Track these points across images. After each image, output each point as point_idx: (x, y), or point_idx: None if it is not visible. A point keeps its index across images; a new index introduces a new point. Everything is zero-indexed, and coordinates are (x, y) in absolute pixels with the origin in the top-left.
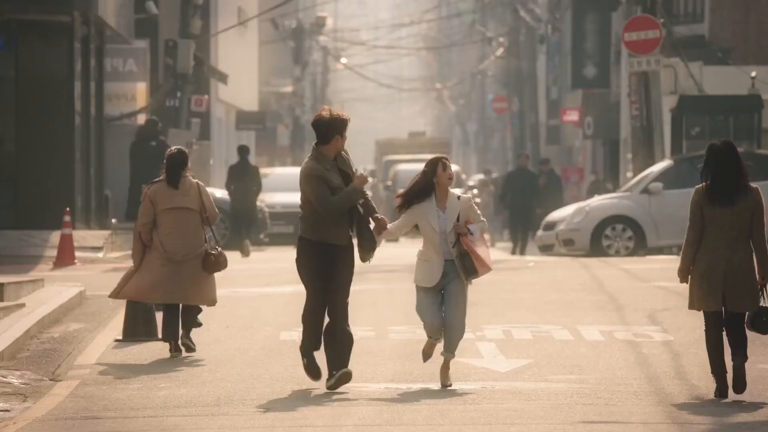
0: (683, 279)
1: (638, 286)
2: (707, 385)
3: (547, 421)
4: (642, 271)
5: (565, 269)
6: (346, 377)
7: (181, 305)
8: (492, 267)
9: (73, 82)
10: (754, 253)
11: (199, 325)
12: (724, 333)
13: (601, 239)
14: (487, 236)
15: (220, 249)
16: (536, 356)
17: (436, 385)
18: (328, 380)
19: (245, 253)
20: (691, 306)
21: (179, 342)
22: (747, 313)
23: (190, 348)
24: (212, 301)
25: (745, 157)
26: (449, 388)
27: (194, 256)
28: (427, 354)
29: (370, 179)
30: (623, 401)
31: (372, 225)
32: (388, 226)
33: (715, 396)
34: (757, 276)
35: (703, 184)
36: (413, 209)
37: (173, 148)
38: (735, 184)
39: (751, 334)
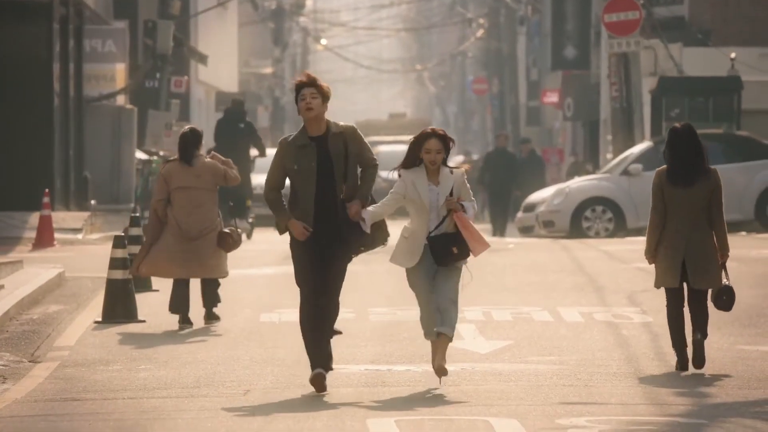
0: (651, 260)
1: (618, 267)
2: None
3: (527, 402)
4: (621, 252)
5: (545, 251)
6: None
7: (201, 282)
8: (488, 244)
9: (52, 63)
10: (714, 232)
11: (219, 300)
12: (687, 309)
13: (580, 221)
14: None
15: (236, 228)
16: (516, 338)
17: (416, 367)
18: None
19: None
20: (657, 284)
21: (188, 316)
22: (711, 290)
23: (216, 318)
24: (225, 273)
25: (722, 139)
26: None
27: (208, 231)
28: (440, 369)
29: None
30: (602, 382)
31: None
32: (371, 207)
33: (676, 369)
34: (718, 254)
35: (664, 166)
36: (403, 179)
37: (186, 127)
38: (694, 166)
39: (725, 315)
